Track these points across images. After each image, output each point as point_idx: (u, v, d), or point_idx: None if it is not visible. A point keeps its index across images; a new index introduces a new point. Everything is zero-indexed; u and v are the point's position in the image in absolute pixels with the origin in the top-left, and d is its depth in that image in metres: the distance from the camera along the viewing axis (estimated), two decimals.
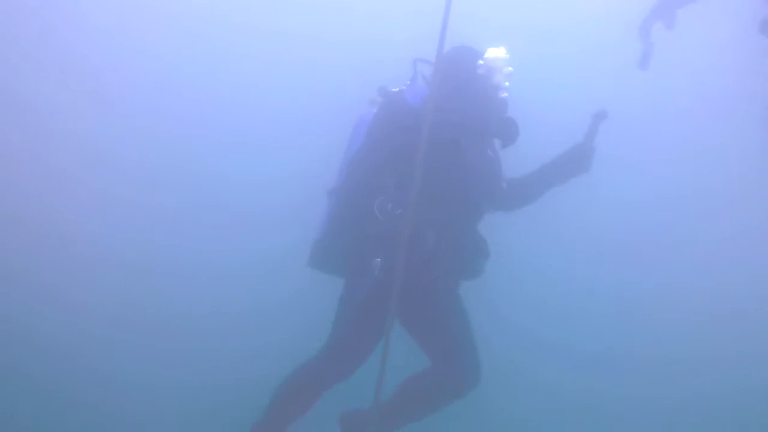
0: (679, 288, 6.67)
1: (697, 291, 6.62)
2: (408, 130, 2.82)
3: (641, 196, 7.00)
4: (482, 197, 3.09)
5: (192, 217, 7.14)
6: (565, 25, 6.69)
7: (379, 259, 2.83)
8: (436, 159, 2.82)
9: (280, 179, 6.93)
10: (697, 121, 6.51)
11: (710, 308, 6.60)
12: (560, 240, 6.83)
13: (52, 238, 6.79)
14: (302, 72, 7.58)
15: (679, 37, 3.34)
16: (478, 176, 3.02)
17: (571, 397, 6.23)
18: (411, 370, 3.00)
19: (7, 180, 6.95)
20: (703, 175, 6.87)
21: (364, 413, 2.89)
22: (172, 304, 6.56)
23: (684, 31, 3.33)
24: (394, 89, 3.17)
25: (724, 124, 6.48)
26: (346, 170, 3.11)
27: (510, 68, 3.18)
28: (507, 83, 3.17)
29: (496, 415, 5.67)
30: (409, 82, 3.21)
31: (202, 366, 5.98)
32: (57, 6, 7.75)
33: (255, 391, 3.18)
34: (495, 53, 3.18)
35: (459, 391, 2.91)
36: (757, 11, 3.03)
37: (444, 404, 2.95)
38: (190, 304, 6.60)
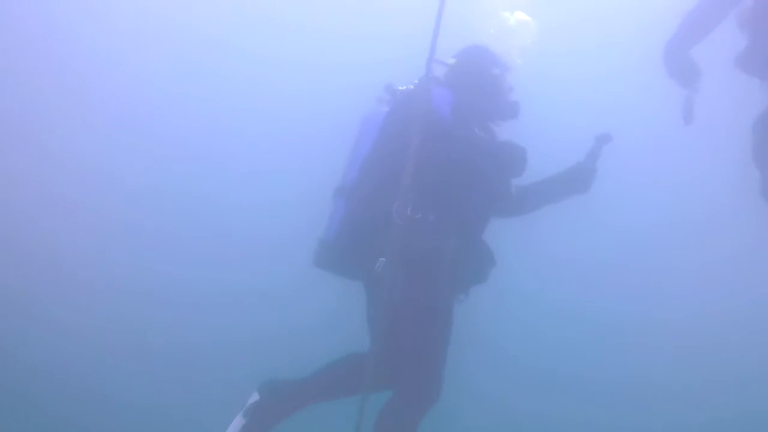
0: (672, 314, 6.65)
1: (691, 317, 6.61)
2: (437, 140, 2.87)
3: (637, 220, 7.02)
4: (494, 204, 3.11)
5: (187, 226, 7.12)
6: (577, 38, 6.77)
7: (383, 259, 2.77)
8: (454, 170, 2.91)
9: (284, 178, 6.93)
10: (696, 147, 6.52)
11: (703, 335, 6.57)
12: (551, 259, 6.83)
13: (53, 260, 6.75)
14: (300, 71, 7.63)
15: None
16: (492, 184, 3.03)
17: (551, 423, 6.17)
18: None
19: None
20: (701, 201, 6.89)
21: None
22: (169, 324, 6.50)
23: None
24: (401, 87, 3.15)
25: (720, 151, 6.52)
26: (358, 171, 3.05)
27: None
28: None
29: None
30: (416, 81, 3.17)
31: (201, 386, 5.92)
32: (55, 23, 7.79)
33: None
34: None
35: (423, 405, 2.87)
36: (736, 44, 3.07)
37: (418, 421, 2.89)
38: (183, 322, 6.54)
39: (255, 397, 2.96)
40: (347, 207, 3.01)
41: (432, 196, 2.86)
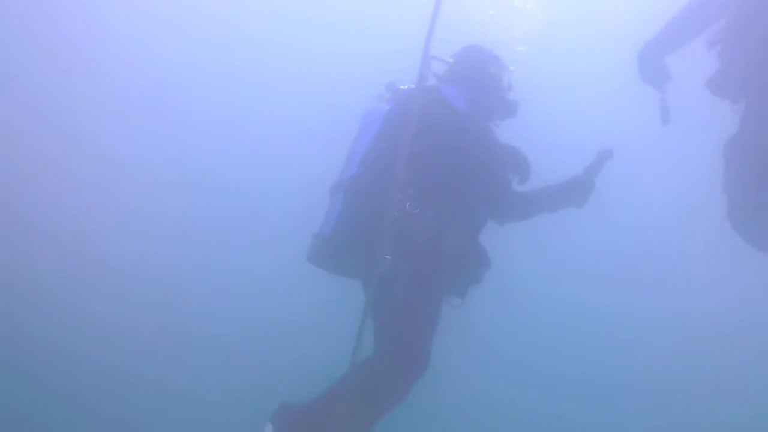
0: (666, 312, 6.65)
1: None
2: (456, 134, 2.90)
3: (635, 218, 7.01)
4: (495, 203, 3.10)
5: (195, 219, 7.16)
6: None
7: (389, 257, 2.69)
8: (461, 165, 2.91)
9: (285, 176, 6.97)
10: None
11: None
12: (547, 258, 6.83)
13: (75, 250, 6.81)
14: (300, 70, 7.67)
15: None
16: (496, 183, 3.05)
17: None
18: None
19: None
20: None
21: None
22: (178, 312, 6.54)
23: None
24: (402, 87, 3.15)
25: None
26: (357, 167, 3.03)
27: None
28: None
29: None
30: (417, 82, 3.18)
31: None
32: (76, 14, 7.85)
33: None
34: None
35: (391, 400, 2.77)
36: (708, 67, 3.09)
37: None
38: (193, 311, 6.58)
39: (269, 428, 2.78)
40: (345, 202, 2.98)
41: (433, 192, 2.86)
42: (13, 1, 7.69)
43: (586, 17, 6.92)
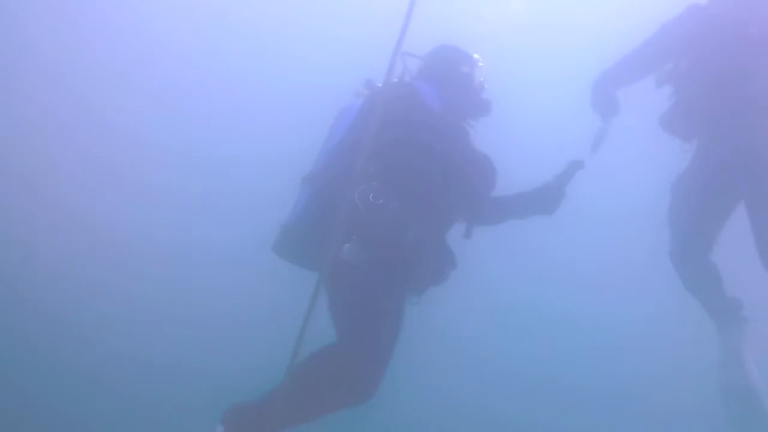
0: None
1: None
2: (426, 129, 2.92)
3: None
4: (465, 203, 3.08)
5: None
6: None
7: (348, 244, 2.74)
8: (432, 162, 2.92)
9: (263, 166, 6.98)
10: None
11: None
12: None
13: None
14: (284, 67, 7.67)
15: None
16: (469, 183, 3.04)
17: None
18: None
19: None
20: None
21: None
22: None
23: None
24: (379, 85, 3.14)
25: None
26: (326, 158, 3.04)
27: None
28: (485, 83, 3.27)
29: None
30: (396, 79, 3.19)
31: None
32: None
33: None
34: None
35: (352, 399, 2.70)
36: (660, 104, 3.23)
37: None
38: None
39: (220, 430, 2.68)
40: (311, 193, 3.00)
41: (399, 185, 2.86)
42: None
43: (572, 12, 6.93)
